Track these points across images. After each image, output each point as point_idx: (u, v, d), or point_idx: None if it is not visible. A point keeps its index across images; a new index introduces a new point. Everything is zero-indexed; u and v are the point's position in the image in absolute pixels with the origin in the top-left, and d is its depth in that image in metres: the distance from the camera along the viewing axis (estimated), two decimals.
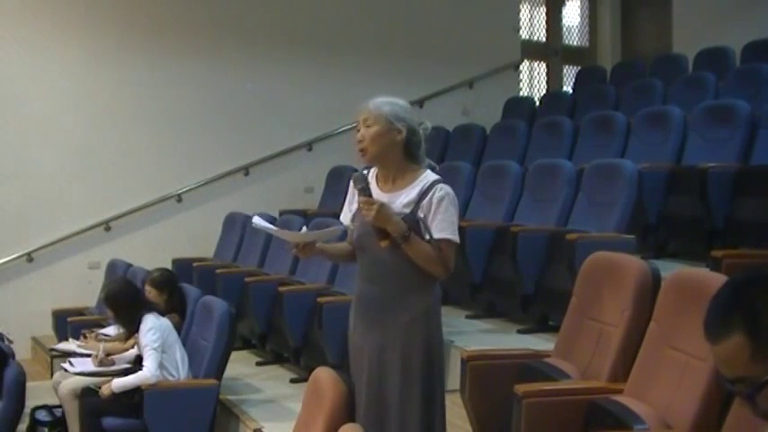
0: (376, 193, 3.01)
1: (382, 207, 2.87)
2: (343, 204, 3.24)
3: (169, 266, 6.28)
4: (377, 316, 3.00)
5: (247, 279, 5.62)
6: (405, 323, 2.96)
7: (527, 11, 9.91)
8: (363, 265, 3.05)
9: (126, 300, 4.74)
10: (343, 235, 3.29)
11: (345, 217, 3.17)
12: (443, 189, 2.96)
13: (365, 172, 3.10)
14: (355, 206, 3.08)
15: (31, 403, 5.00)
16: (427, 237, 2.92)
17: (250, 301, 5.51)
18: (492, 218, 5.65)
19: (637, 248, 4.53)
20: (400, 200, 2.97)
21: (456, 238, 2.97)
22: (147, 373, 4.50)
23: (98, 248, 7.35)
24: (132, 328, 4.74)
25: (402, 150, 3.01)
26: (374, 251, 2.96)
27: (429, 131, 3.12)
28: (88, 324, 5.83)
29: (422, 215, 2.93)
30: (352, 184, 3.11)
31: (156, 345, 4.55)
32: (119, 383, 4.52)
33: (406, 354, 2.94)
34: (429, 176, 3.01)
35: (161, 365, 4.58)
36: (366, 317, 3.04)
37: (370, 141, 2.97)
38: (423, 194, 2.95)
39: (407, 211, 2.94)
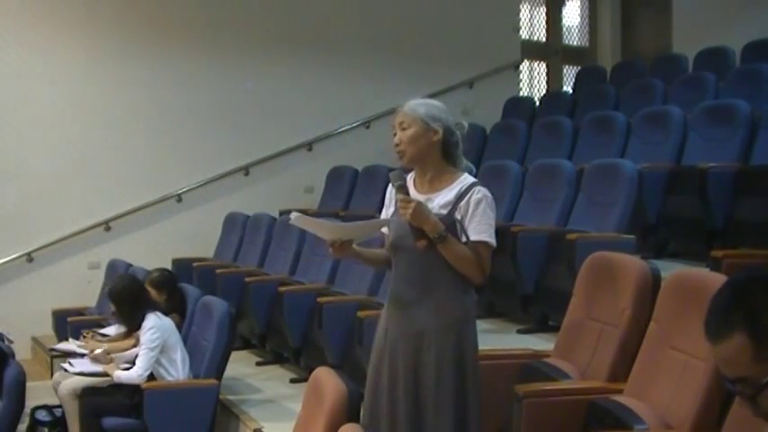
0: (413, 193, 2.96)
1: (420, 206, 2.83)
2: (380, 209, 3.19)
3: (169, 266, 6.28)
4: (414, 317, 2.93)
5: (247, 279, 5.62)
6: (442, 326, 2.91)
7: (527, 11, 9.91)
8: (400, 265, 2.99)
9: (129, 296, 4.76)
10: (381, 241, 3.24)
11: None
12: (481, 191, 2.94)
13: (403, 171, 3.04)
14: (392, 209, 3.04)
15: (31, 403, 4.99)
16: (464, 239, 2.89)
17: (250, 301, 5.51)
18: None
19: (637, 248, 4.53)
20: (437, 200, 2.94)
21: (493, 241, 2.93)
22: (134, 373, 4.54)
23: (98, 248, 7.35)
24: (132, 325, 4.75)
25: (440, 151, 2.98)
26: (411, 252, 2.91)
27: (466, 131, 3.09)
28: (88, 324, 5.83)
29: (459, 216, 2.90)
30: (390, 186, 3.06)
31: (153, 345, 4.56)
32: (116, 374, 4.59)
33: (440, 357, 2.90)
34: (467, 179, 2.99)
35: (159, 365, 4.59)
36: (402, 318, 2.96)
37: (408, 143, 2.94)
38: (460, 196, 2.92)
39: (444, 212, 2.91)
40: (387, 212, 3.10)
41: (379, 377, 2.99)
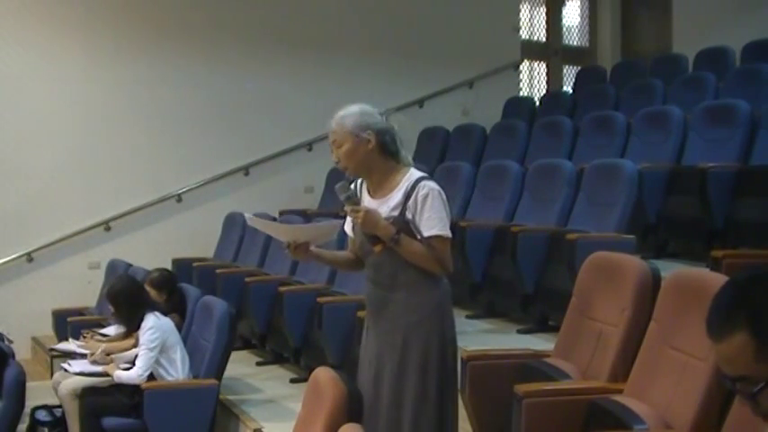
0: (367, 200, 3.03)
1: (368, 213, 2.89)
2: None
3: (169, 266, 6.29)
4: (388, 317, 3.01)
5: (247, 279, 5.62)
6: (415, 322, 2.97)
7: (527, 11, 9.91)
8: (368, 268, 3.08)
9: (128, 297, 4.76)
10: (342, 243, 3.29)
11: (348, 226, 3.18)
12: (426, 186, 2.96)
13: (350, 180, 3.12)
14: None
15: (31, 403, 4.99)
16: (419, 236, 2.93)
17: (250, 301, 5.51)
18: (492, 218, 5.66)
19: (637, 248, 4.53)
20: (388, 204, 2.98)
21: (447, 232, 2.96)
22: (134, 373, 4.54)
23: (98, 248, 7.35)
24: (132, 326, 4.75)
25: (379, 154, 3.01)
26: (374, 256, 2.99)
27: (397, 125, 3.11)
28: (88, 324, 5.83)
29: (410, 216, 2.94)
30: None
31: (152, 345, 4.56)
32: (117, 373, 4.59)
33: (424, 351, 2.95)
34: (413, 175, 3.01)
35: (159, 365, 4.59)
36: (377, 319, 3.06)
37: (346, 159, 3.00)
38: (407, 195, 2.96)
39: (396, 213, 2.95)
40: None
41: (363, 374, 3.08)
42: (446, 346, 3.01)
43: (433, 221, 2.93)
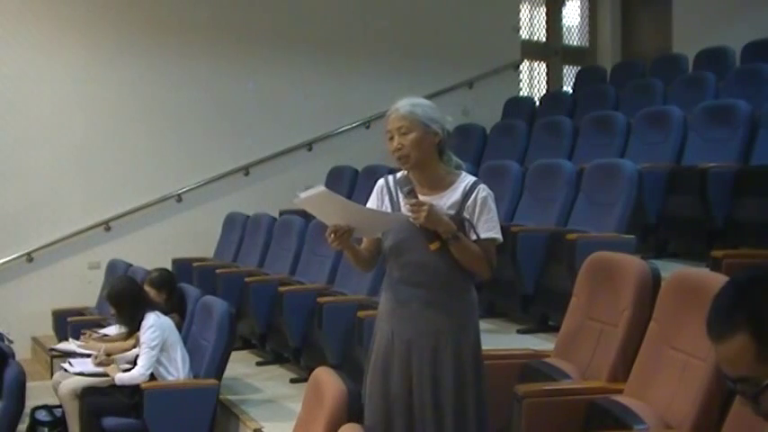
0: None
1: (433, 208, 2.83)
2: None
3: (169, 266, 6.28)
4: (427, 320, 2.91)
5: (247, 279, 5.62)
6: (455, 325, 2.92)
7: (527, 11, 9.91)
8: (405, 268, 2.94)
9: (128, 297, 4.76)
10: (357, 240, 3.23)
11: None
12: (485, 190, 2.96)
13: (397, 175, 3.03)
14: (386, 210, 3.00)
15: (31, 403, 5.00)
16: (473, 237, 2.91)
17: (250, 301, 5.51)
18: None
19: (637, 248, 4.53)
20: (443, 201, 2.93)
21: (500, 236, 2.96)
22: (136, 372, 4.55)
23: (98, 248, 7.35)
24: (133, 326, 4.75)
25: (437, 151, 2.98)
26: (419, 254, 2.89)
27: (453, 127, 3.09)
28: (88, 324, 5.83)
29: (467, 216, 2.92)
30: (379, 188, 3.05)
31: (153, 344, 4.57)
32: (118, 376, 4.59)
33: (459, 356, 2.90)
34: (467, 177, 3.00)
35: (159, 364, 4.59)
36: (413, 323, 2.92)
37: (412, 148, 2.90)
38: (466, 195, 2.93)
39: (453, 212, 2.91)
40: None
41: (388, 382, 2.93)
42: (479, 348, 2.98)
43: (491, 224, 2.93)
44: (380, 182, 3.08)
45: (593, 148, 6.31)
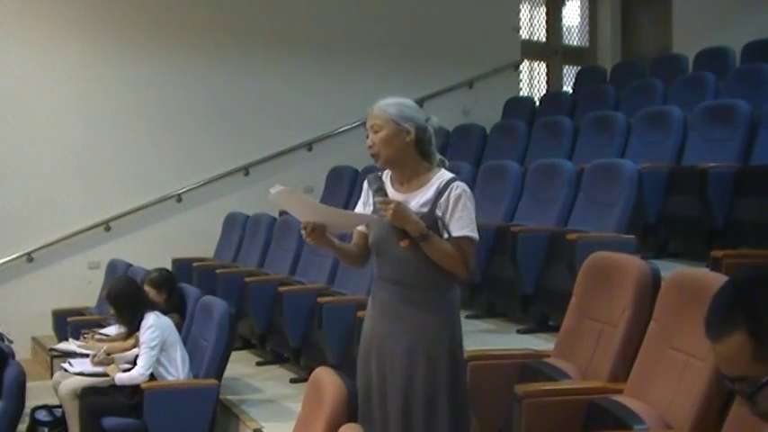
0: (391, 194, 2.97)
1: (399, 206, 2.84)
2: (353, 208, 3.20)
3: (169, 266, 6.28)
4: (403, 317, 2.93)
5: (247, 279, 5.62)
6: (432, 324, 2.92)
7: (527, 11, 9.91)
8: (384, 266, 2.98)
9: (128, 298, 4.77)
10: (349, 237, 3.25)
11: None
12: (460, 187, 2.94)
13: (379, 173, 3.07)
14: (370, 209, 3.04)
15: (31, 403, 5.00)
16: (446, 235, 2.90)
17: (250, 301, 5.51)
18: (492, 218, 5.65)
19: (637, 248, 4.53)
20: (417, 199, 2.94)
21: (475, 235, 2.94)
22: (136, 372, 4.55)
23: (98, 248, 7.35)
24: (133, 327, 4.76)
25: (414, 150, 2.97)
26: (395, 252, 2.91)
27: (437, 126, 3.07)
28: (88, 324, 5.83)
29: (440, 214, 2.91)
30: (366, 185, 3.09)
31: (153, 343, 4.57)
32: (118, 377, 4.59)
33: (433, 355, 2.90)
34: (444, 175, 2.99)
35: (159, 363, 4.59)
36: (390, 318, 2.95)
37: (381, 145, 2.93)
38: (439, 193, 2.92)
39: (425, 210, 2.91)
40: (363, 210, 3.10)
41: (368, 375, 3.00)
42: (457, 348, 2.97)
43: (464, 222, 2.91)
44: (366, 179, 3.11)
45: (593, 148, 6.31)
